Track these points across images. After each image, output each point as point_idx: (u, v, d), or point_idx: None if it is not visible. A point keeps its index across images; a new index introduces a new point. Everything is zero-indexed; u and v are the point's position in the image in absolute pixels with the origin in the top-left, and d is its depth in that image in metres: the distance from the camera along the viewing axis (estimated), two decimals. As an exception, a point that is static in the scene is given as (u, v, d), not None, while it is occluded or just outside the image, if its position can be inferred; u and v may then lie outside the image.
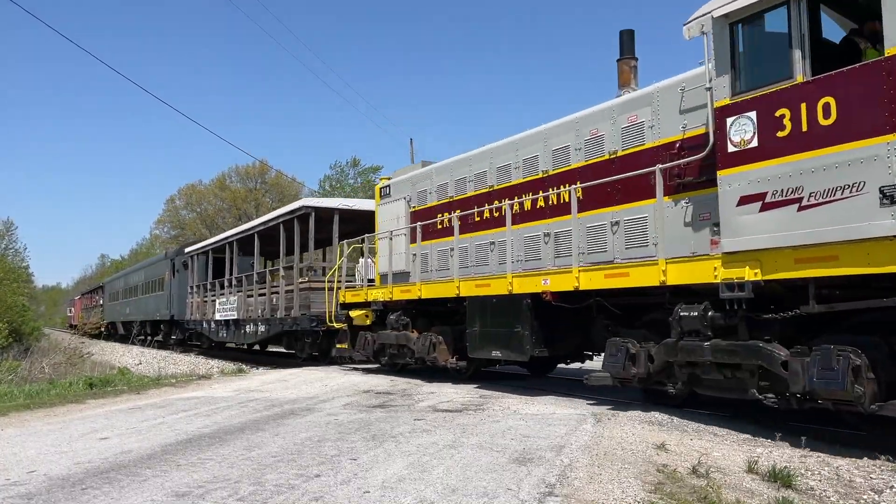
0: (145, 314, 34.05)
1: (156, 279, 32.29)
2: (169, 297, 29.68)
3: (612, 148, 8.64)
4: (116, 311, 42.34)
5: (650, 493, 4.58)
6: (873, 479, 5.27)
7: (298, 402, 9.49)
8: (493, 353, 9.89)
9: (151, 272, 33.63)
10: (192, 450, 6.26)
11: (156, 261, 34.59)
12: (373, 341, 13.04)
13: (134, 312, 36.76)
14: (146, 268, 35.72)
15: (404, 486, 4.68)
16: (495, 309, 9.77)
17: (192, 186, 65.09)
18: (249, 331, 20.55)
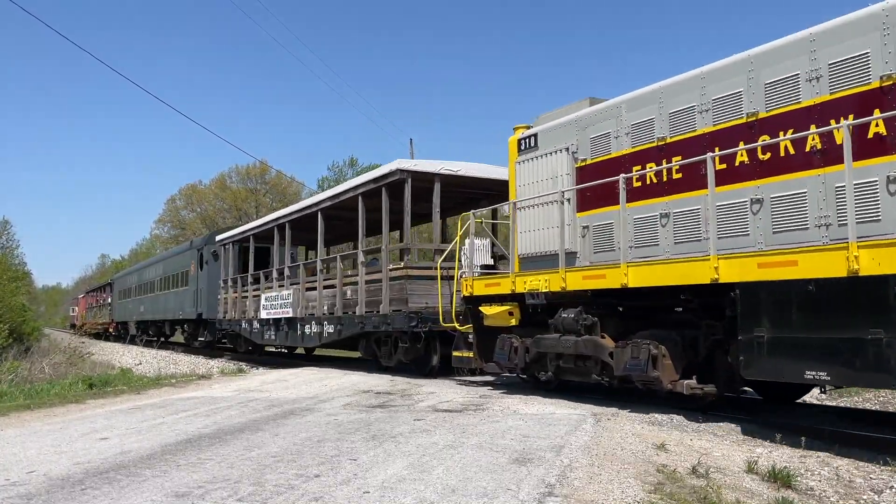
0: (165, 313, 29.91)
1: (178, 273, 28.00)
2: (196, 293, 25.24)
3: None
4: (128, 309, 38.54)
5: (650, 493, 4.58)
6: (873, 479, 5.27)
7: (298, 402, 9.49)
8: (809, 374, 6.10)
9: (173, 265, 29.16)
10: (192, 450, 6.26)
11: (178, 252, 29.83)
12: (523, 349, 9.41)
13: (151, 311, 32.80)
14: (166, 260, 31.35)
15: (404, 487, 4.68)
16: (813, 302, 6.05)
17: (193, 186, 65.15)
18: (311, 332, 16.25)
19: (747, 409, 8.30)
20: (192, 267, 25.69)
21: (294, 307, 17.00)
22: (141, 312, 34.77)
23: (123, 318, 40.01)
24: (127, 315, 38.80)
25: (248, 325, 20.22)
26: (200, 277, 25.04)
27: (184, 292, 26.87)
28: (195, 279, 25.43)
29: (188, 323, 27.18)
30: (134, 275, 37.92)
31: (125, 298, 39.38)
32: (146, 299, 33.67)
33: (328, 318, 15.53)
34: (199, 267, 25.16)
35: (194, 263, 25.66)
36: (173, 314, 28.59)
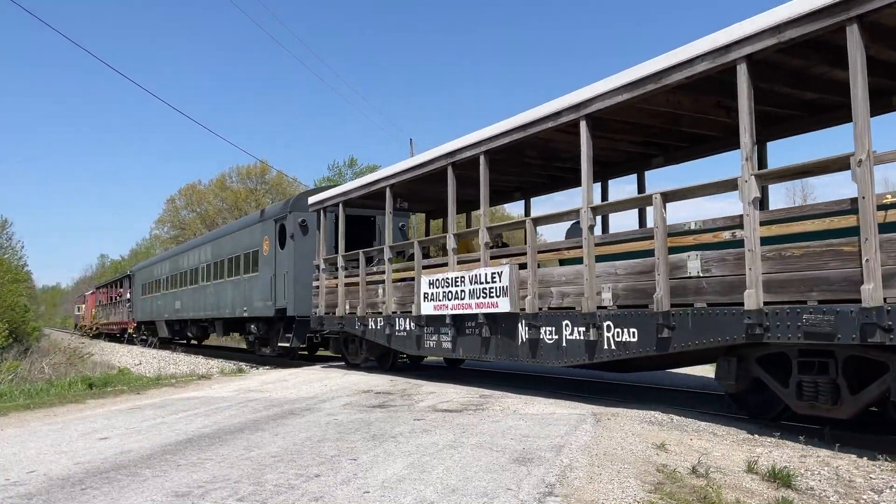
0: (217, 309, 22.44)
1: (240, 255, 20.56)
2: (272, 280, 17.71)
3: None
4: (156, 306, 31.49)
5: (650, 493, 4.58)
6: (873, 479, 5.27)
7: (298, 402, 9.49)
8: None
9: (231, 245, 21.53)
10: (192, 450, 6.26)
11: (240, 227, 21.55)
12: None
13: (192, 307, 25.29)
14: (218, 240, 23.36)
15: (404, 486, 4.68)
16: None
17: (192, 186, 65.10)
18: (573, 339, 8.77)
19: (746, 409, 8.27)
20: (266, 245, 18.32)
21: (510, 295, 9.52)
22: (176, 310, 27.55)
23: (148, 317, 33.05)
24: (154, 313, 31.81)
25: (386, 326, 12.71)
26: (281, 259, 17.35)
27: (251, 281, 19.25)
28: (270, 261, 17.86)
29: (257, 322, 19.23)
30: (164, 263, 30.66)
31: (151, 293, 32.44)
32: (184, 293, 26.51)
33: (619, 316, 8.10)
34: (279, 244, 17.53)
35: (269, 240, 18.18)
36: (231, 310, 20.85)
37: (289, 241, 17.15)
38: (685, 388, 10.54)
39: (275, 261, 17.72)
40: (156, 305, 31.69)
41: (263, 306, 18.40)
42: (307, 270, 16.04)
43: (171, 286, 28.79)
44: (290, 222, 17.14)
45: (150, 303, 32.83)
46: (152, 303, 32.41)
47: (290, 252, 17.07)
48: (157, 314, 31.31)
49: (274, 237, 17.88)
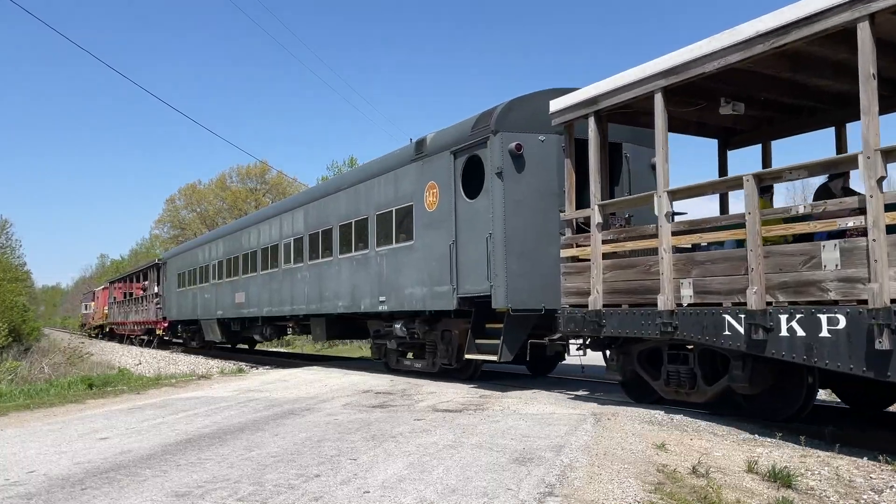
0: (320, 301, 15.09)
1: (368, 217, 13.28)
2: (452, 251, 10.76)
3: None
4: (201, 301, 23.90)
5: (650, 493, 4.57)
6: (873, 479, 5.26)
7: (298, 402, 9.49)
8: None
9: (348, 205, 14.13)
10: (192, 450, 6.26)
11: (367, 175, 13.72)
12: None
13: (265, 300, 18.23)
14: (319, 202, 15.62)
15: (404, 486, 4.68)
16: None
17: (192, 186, 65.05)
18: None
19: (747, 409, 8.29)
20: (432, 195, 11.28)
21: None
22: (237, 305, 20.31)
23: (188, 315, 25.82)
24: (197, 310, 24.37)
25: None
26: (469, 215, 10.50)
27: (396, 256, 12.31)
28: (443, 220, 11.00)
29: (409, 320, 12.27)
30: (214, 245, 23.02)
31: (192, 285, 24.99)
32: (252, 281, 19.16)
33: None
34: (463, 191, 10.68)
35: (439, 186, 11.15)
36: (351, 301, 13.75)
37: (490, 185, 9.90)
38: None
39: (454, 219, 10.62)
40: (201, 300, 23.86)
41: (429, 294, 11.25)
42: (529, 231, 9.63)
43: (228, 273, 21.09)
44: (492, 152, 9.85)
45: (191, 297, 25.13)
46: (194, 297, 24.72)
47: (494, 202, 9.80)
48: (204, 311, 23.53)
49: (452, 181, 10.72)
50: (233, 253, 20.93)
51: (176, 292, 27.53)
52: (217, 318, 22.43)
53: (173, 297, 28.01)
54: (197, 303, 24.49)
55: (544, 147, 9.80)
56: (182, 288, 26.57)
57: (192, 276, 25.13)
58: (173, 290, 28.00)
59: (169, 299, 28.71)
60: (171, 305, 28.40)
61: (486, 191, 9.98)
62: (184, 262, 26.74)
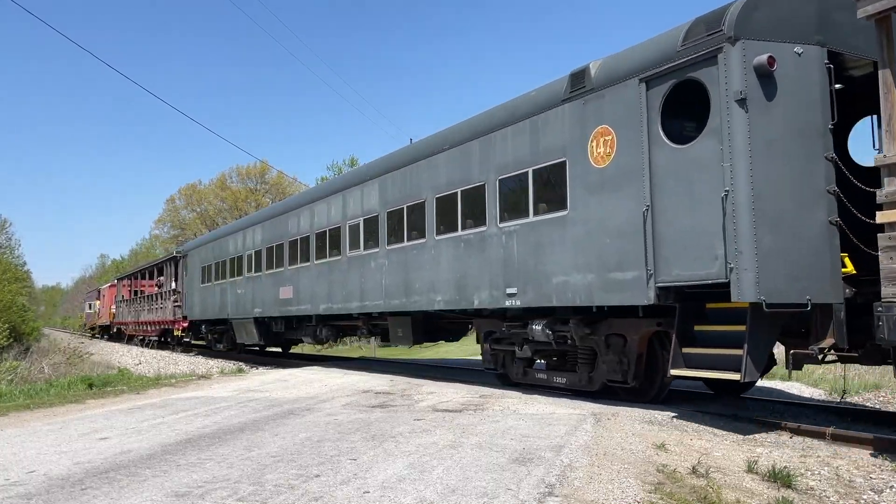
0: (405, 294, 12.04)
1: (487, 184, 10.11)
2: (646, 219, 7.48)
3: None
4: (233, 298, 20.66)
5: (650, 493, 4.57)
6: (873, 479, 5.27)
7: (298, 402, 9.49)
8: None
9: (449, 170, 11.06)
10: (192, 450, 6.26)
11: (486, 128, 10.29)
12: None
13: (321, 294, 15.15)
14: (401, 171, 12.50)
15: (404, 486, 4.68)
16: None
17: (192, 186, 65.05)
18: None
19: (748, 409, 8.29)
20: (604, 144, 8.22)
21: None
22: (282, 301, 17.08)
23: (215, 314, 22.59)
24: (228, 308, 21.04)
25: None
26: (679, 168, 7.28)
27: (549, 230, 9.02)
28: (627, 179, 7.87)
29: (576, 319, 8.91)
30: (249, 232, 19.81)
31: (221, 279, 21.73)
32: (302, 273, 16.01)
33: None
34: (663, 132, 7.52)
35: (615, 132, 8.09)
36: (452, 295, 10.90)
37: (724, 119, 6.85)
38: (685, 389, 10.53)
39: (648, 175, 7.58)
40: (232, 296, 20.64)
41: (597, 283, 8.26)
42: (786, 187, 6.73)
43: (269, 265, 17.96)
44: (727, 70, 6.85)
45: (219, 293, 21.85)
46: (223, 293, 21.47)
47: (733, 144, 6.76)
48: (236, 309, 20.33)
49: (642, 122, 7.72)
50: (276, 240, 17.57)
51: (199, 288, 23.95)
52: (254, 318, 19.07)
53: (195, 294, 24.38)
54: (226, 300, 21.09)
55: (802, 64, 6.75)
56: (207, 283, 23.06)
57: (220, 270, 21.78)
58: (195, 286, 24.35)
59: (190, 296, 25.06)
60: (192, 303, 24.81)
61: (714, 130, 6.85)
62: (209, 254, 23.07)
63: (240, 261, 20.13)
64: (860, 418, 8.04)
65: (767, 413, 8.18)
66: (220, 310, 21.76)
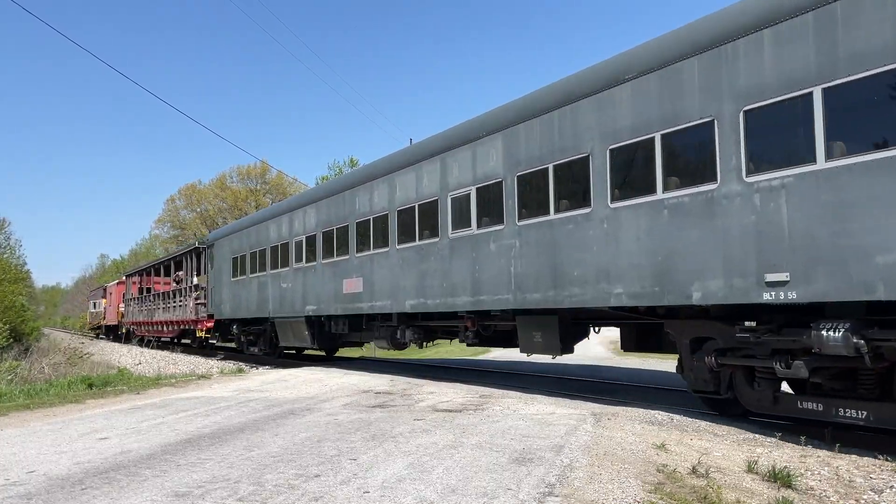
0: (553, 286, 9.05)
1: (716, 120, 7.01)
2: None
3: None
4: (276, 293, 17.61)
5: (650, 493, 4.57)
6: (873, 479, 5.27)
7: (298, 402, 9.48)
8: None
9: (647, 98, 7.82)
10: (192, 450, 6.26)
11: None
12: None
13: (410, 289, 12.17)
14: (563, 110, 9.01)
15: (404, 486, 4.67)
16: None
17: (192, 186, 65.06)
18: None
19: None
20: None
21: None
22: (348, 297, 14.16)
23: (250, 312, 19.31)
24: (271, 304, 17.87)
25: None
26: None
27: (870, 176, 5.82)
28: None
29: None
30: (302, 213, 16.46)
31: (260, 271, 18.54)
32: (387, 260, 12.93)
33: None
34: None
35: None
36: (684, 287, 7.36)
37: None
38: (685, 388, 10.53)
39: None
40: (275, 291, 17.55)
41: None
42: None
43: (328, 252, 14.88)
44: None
45: (256, 288, 18.72)
46: (262, 287, 18.37)
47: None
48: (281, 305, 17.20)
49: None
50: (338, 222, 14.53)
51: (229, 283, 20.66)
52: (306, 316, 15.89)
53: (224, 290, 21.07)
54: (266, 295, 17.99)
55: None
56: (240, 276, 19.81)
57: (258, 260, 18.57)
58: (224, 281, 21.03)
59: (217, 292, 21.74)
60: (219, 300, 21.52)
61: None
62: (243, 243, 19.79)
63: (285, 249, 17.00)
64: (860, 418, 8.01)
65: (767, 413, 8.16)
66: (259, 307, 18.54)
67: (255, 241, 19.01)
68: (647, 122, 7.77)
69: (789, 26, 6.53)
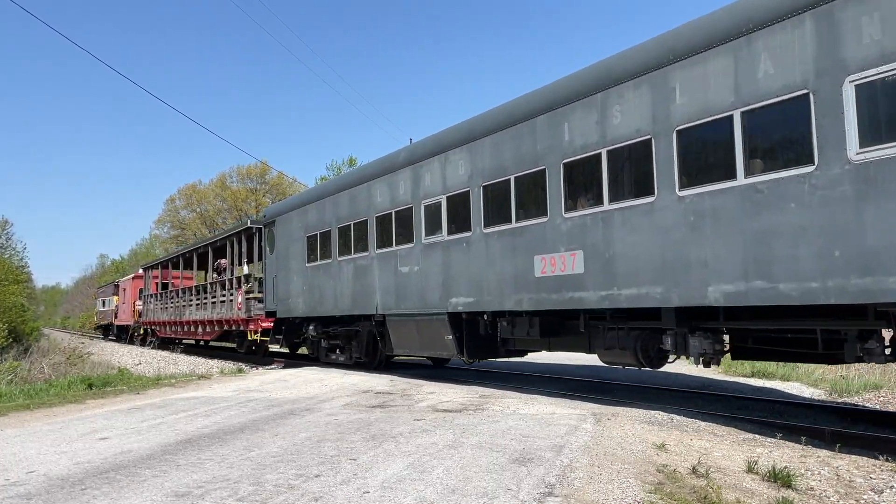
0: None
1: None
2: None
3: None
4: (383, 281, 12.83)
5: (650, 493, 4.57)
6: (873, 479, 5.27)
7: (298, 402, 9.48)
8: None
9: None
10: (192, 450, 6.26)
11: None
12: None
13: (723, 263, 6.88)
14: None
15: (404, 487, 4.67)
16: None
17: (192, 186, 65.07)
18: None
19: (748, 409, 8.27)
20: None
21: None
22: (551, 283, 9.07)
23: (342, 309, 14.31)
24: (379, 297, 13.00)
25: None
26: None
27: None
28: None
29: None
30: (441, 162, 11.38)
31: (355, 252, 13.84)
32: (659, 220, 7.60)
33: None
34: None
35: None
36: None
37: None
38: (685, 389, 10.54)
39: None
40: (387, 279, 12.78)
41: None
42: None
43: (494, 217, 10.16)
44: None
45: (351, 275, 13.89)
46: (363, 274, 13.53)
47: None
48: (401, 298, 12.42)
49: None
50: (520, 167, 9.65)
51: (302, 270, 15.71)
52: (449, 313, 11.13)
53: (294, 279, 16.22)
54: (371, 283, 13.10)
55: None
56: (321, 260, 14.92)
57: (356, 236, 13.61)
58: (293, 267, 16.24)
59: (282, 282, 16.84)
60: (286, 292, 16.67)
61: None
62: (327, 215, 14.78)
63: (405, 219, 12.07)
64: (860, 418, 8.04)
65: (767, 413, 8.18)
66: (356, 301, 13.56)
67: (347, 212, 13.86)
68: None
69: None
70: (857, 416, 8.20)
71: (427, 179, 11.64)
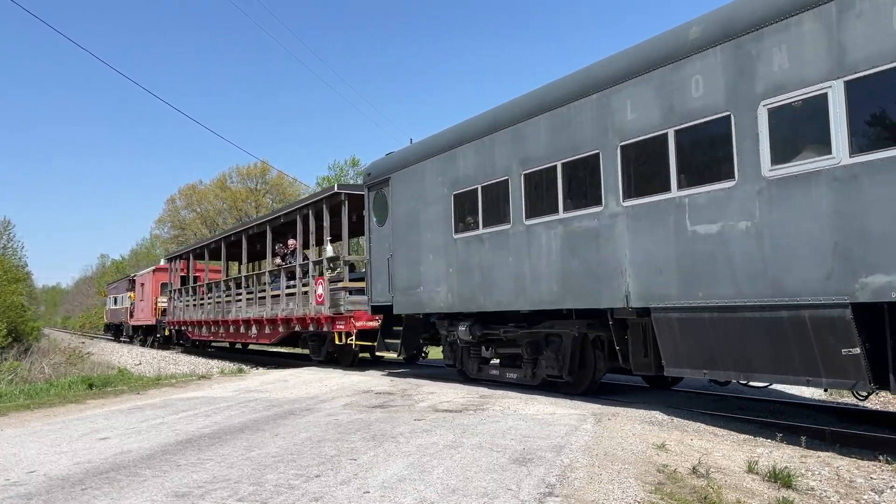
0: None
1: None
2: None
3: None
4: (640, 251, 7.50)
5: (650, 494, 4.57)
6: (873, 479, 5.27)
7: (298, 402, 9.48)
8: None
9: None
10: (192, 450, 6.26)
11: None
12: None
13: None
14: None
15: (404, 487, 4.67)
16: None
17: (193, 186, 65.10)
18: None
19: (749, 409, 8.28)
20: None
21: None
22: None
23: (534, 301, 9.10)
24: (632, 280, 7.62)
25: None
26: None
27: None
28: None
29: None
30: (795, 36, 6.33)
31: (570, 211, 8.57)
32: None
33: None
34: None
35: None
36: None
37: None
38: (685, 389, 10.54)
39: None
40: (647, 249, 7.51)
41: None
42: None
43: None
44: None
45: (559, 245, 8.74)
46: (588, 243, 8.30)
47: None
48: (687, 284, 7.07)
49: None
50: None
51: (445, 244, 11.07)
52: (856, 303, 5.71)
53: (428, 259, 11.50)
54: (595, 259, 8.26)
55: None
56: (483, 229, 10.23)
57: (567, 185, 8.76)
58: (426, 243, 11.54)
59: (403, 264, 12.13)
60: (412, 277, 11.90)
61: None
62: (492, 160, 10.05)
63: (702, 142, 7.13)
64: (861, 419, 8.04)
65: (767, 413, 8.18)
66: (570, 288, 8.70)
67: (546, 147, 9.06)
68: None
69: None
70: (857, 416, 8.20)
71: (775, 57, 6.50)
